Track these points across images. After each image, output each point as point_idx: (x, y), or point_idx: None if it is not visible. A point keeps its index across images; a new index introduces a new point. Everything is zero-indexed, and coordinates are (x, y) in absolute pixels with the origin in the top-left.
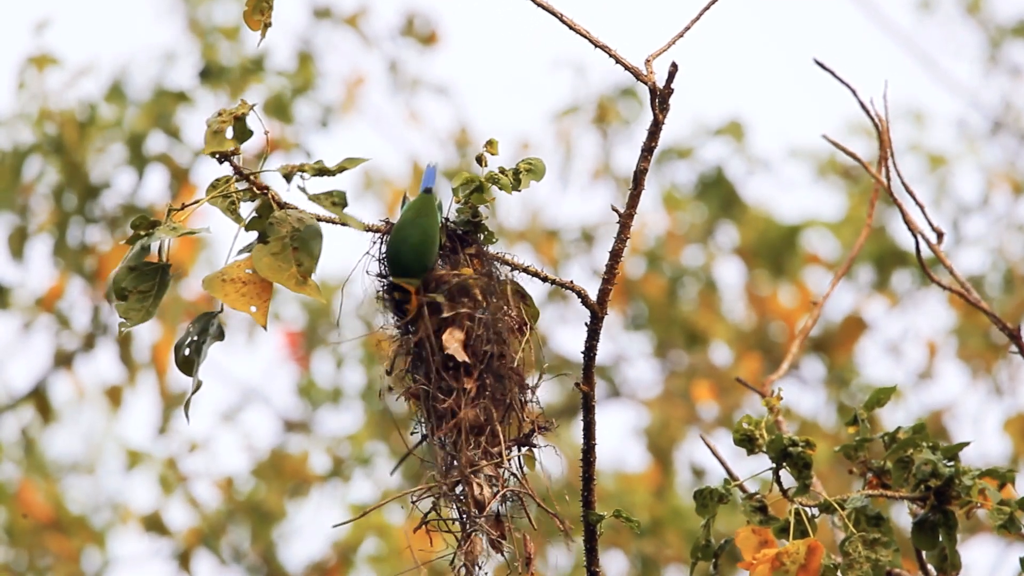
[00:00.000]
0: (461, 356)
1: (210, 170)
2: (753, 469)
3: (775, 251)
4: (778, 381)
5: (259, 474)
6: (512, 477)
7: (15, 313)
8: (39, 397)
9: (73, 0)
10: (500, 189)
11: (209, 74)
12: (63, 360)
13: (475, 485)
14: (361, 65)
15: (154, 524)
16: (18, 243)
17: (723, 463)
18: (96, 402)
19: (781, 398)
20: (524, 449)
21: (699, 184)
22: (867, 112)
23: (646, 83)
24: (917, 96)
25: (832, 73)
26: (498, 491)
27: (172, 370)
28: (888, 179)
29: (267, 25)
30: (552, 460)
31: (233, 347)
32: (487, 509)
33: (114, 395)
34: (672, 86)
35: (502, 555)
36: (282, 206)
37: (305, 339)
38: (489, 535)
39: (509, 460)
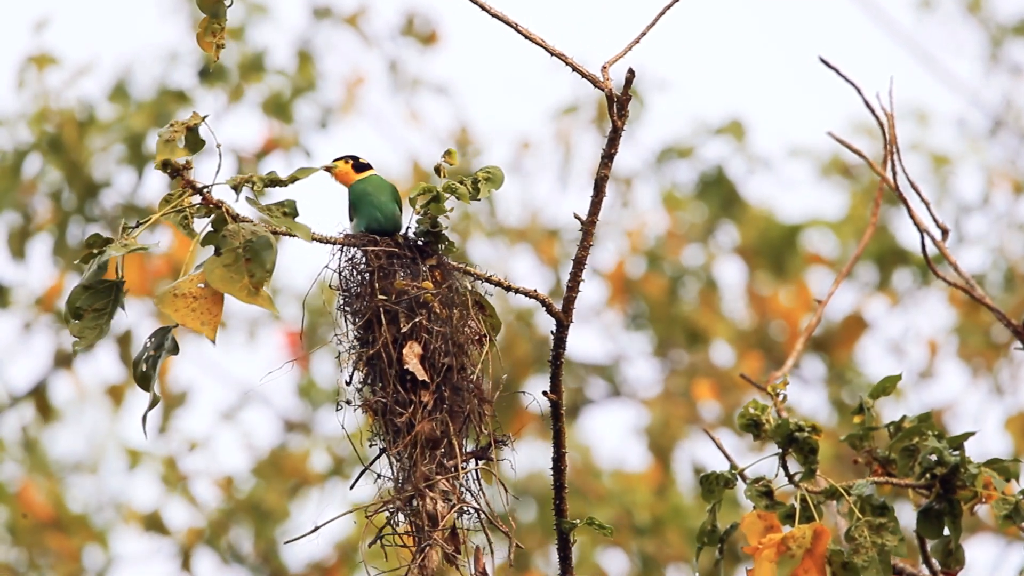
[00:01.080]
0: (421, 374)
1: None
2: (755, 466)
3: (776, 250)
4: (780, 379)
5: (259, 473)
6: (468, 492)
7: (15, 312)
8: (39, 396)
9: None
10: (458, 199)
11: (208, 74)
12: (63, 360)
13: (429, 499)
14: (361, 65)
15: (154, 524)
16: (18, 243)
17: (725, 453)
18: (98, 401)
19: (788, 383)
20: (482, 462)
21: (700, 183)
22: (871, 109)
23: (603, 90)
24: (918, 95)
25: (837, 71)
26: (453, 505)
27: (172, 369)
28: (895, 175)
29: (220, 46)
30: (509, 473)
31: (233, 347)
32: (441, 523)
33: (115, 394)
34: (630, 93)
35: (456, 569)
36: (236, 219)
37: (305, 339)
38: (443, 549)
39: (466, 474)
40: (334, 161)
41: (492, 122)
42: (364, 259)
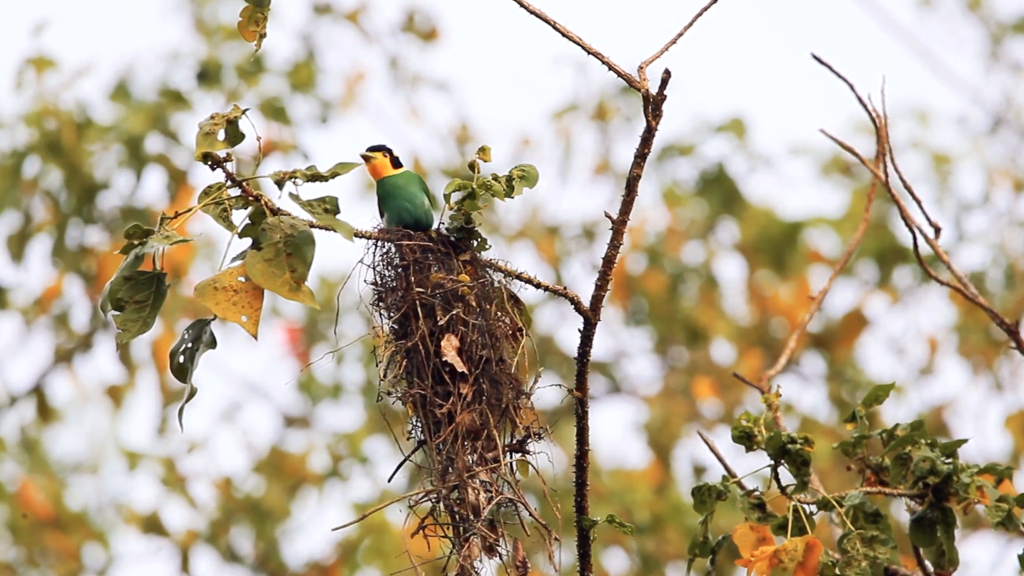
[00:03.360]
0: (460, 366)
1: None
2: (754, 465)
3: (776, 248)
4: (777, 377)
5: (259, 472)
6: (506, 484)
7: (14, 314)
8: (39, 396)
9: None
10: (493, 196)
11: (206, 76)
12: (62, 359)
13: (471, 490)
14: (362, 61)
15: (153, 526)
16: (17, 245)
17: (721, 460)
18: (98, 401)
19: (780, 395)
20: (518, 455)
21: (700, 180)
22: (865, 108)
23: (639, 90)
24: (919, 93)
25: (830, 68)
26: (492, 496)
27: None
28: (886, 175)
29: (262, 36)
30: (547, 466)
31: (233, 343)
32: (483, 514)
33: (114, 394)
34: (665, 92)
35: (499, 559)
36: (275, 212)
37: (305, 335)
38: (485, 539)
39: (505, 465)
40: (371, 151)
41: (492, 118)
42: (399, 253)
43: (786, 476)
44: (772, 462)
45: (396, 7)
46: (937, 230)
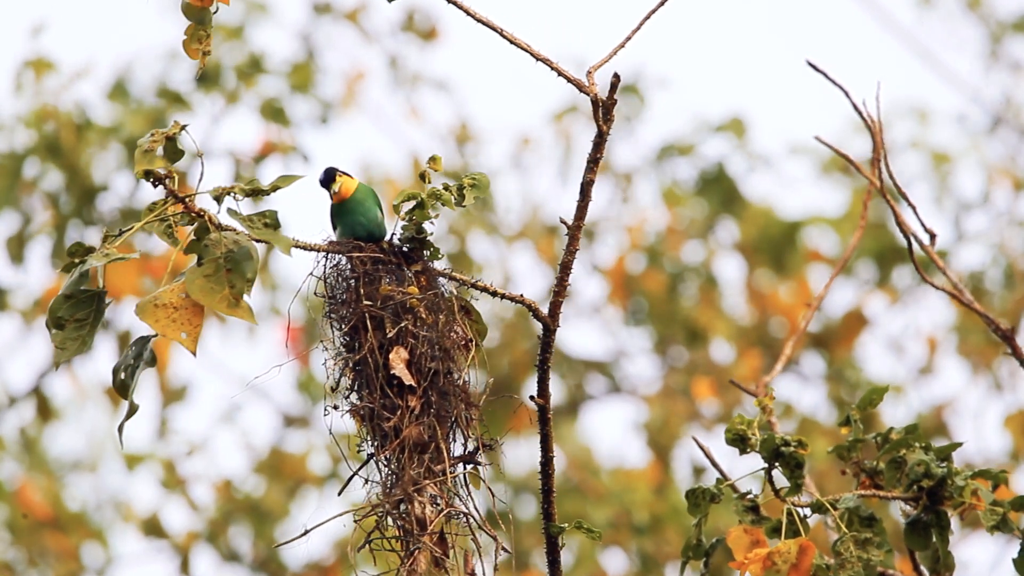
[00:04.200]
0: (408, 379)
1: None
2: (752, 466)
3: (776, 247)
4: (776, 379)
5: (258, 473)
6: (456, 496)
7: (14, 315)
8: (39, 396)
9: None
10: (443, 205)
11: (205, 78)
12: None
13: (417, 503)
14: (361, 60)
15: (153, 528)
16: (17, 246)
17: (715, 465)
18: (97, 400)
19: (773, 398)
20: (470, 466)
21: (700, 180)
22: (860, 114)
23: (588, 95)
24: (918, 92)
25: (824, 75)
26: (441, 509)
27: (172, 365)
28: (881, 181)
29: (205, 53)
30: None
31: (233, 342)
32: (429, 527)
33: (113, 394)
34: (615, 97)
35: (447, 572)
36: (220, 228)
37: (305, 334)
38: (432, 553)
39: (454, 478)
40: (333, 178)
41: (492, 118)
42: (349, 265)
43: (781, 479)
44: (766, 465)
45: (396, 6)
46: (932, 236)
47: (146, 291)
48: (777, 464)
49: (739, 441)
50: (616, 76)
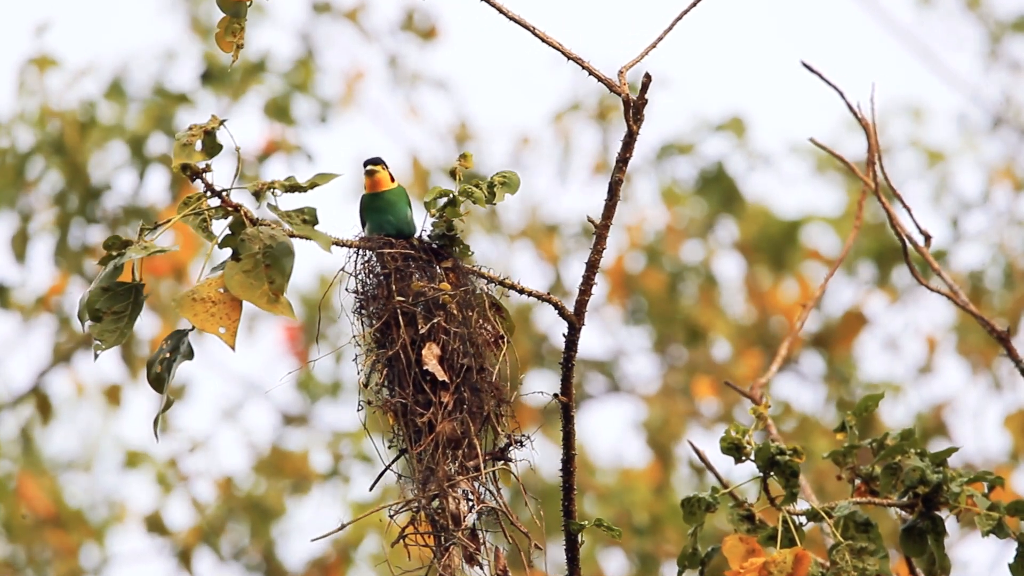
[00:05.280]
0: (441, 375)
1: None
2: (750, 469)
3: (775, 246)
4: (775, 379)
5: (259, 471)
6: (488, 492)
7: (16, 313)
8: (39, 395)
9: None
10: (474, 203)
11: (211, 76)
12: (62, 358)
13: (451, 499)
14: (361, 59)
15: (155, 525)
16: (20, 245)
17: (712, 469)
18: (95, 400)
19: (769, 405)
20: (500, 463)
21: (700, 179)
22: (856, 115)
23: (619, 94)
24: (917, 91)
25: (819, 75)
26: (473, 505)
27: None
28: (876, 183)
29: (239, 47)
30: (533, 471)
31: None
32: (463, 523)
33: (113, 393)
34: (646, 97)
35: (480, 567)
36: (255, 223)
37: (304, 333)
38: (466, 548)
39: (485, 474)
40: (373, 164)
41: (492, 117)
42: (380, 262)
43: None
44: (761, 473)
45: (395, 6)
46: (927, 237)
47: (150, 286)
48: (772, 472)
49: (734, 450)
50: (648, 76)
